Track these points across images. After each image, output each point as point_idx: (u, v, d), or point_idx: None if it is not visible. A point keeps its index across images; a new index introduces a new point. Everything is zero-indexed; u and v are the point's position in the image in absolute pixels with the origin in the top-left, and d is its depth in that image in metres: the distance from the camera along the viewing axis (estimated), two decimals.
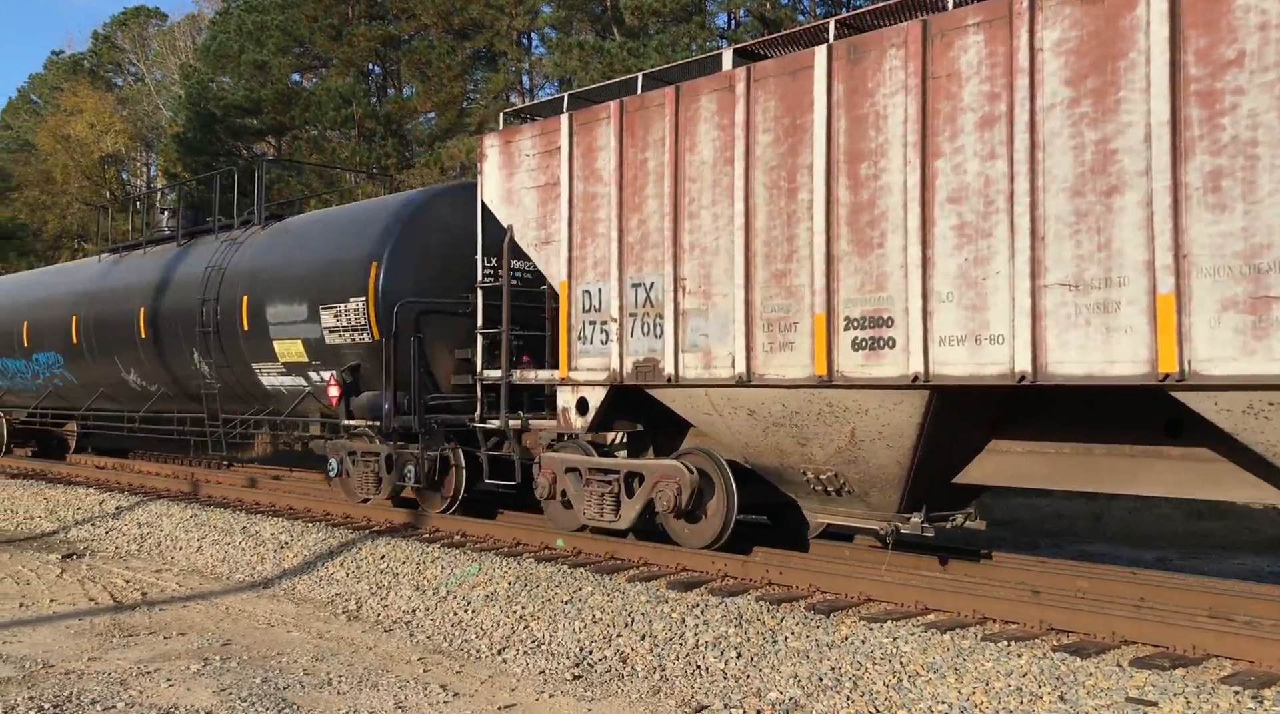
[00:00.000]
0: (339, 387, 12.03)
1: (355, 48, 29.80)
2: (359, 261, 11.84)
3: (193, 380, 14.68)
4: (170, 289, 15.05)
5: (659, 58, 20.49)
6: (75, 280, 18.08)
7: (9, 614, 8.46)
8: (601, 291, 9.48)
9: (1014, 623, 7.11)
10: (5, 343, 19.49)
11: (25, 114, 48.28)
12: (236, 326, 13.43)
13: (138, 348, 15.62)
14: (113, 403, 17.43)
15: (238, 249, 14.13)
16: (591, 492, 9.74)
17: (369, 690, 6.37)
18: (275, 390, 13.47)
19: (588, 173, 9.62)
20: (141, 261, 16.58)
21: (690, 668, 6.66)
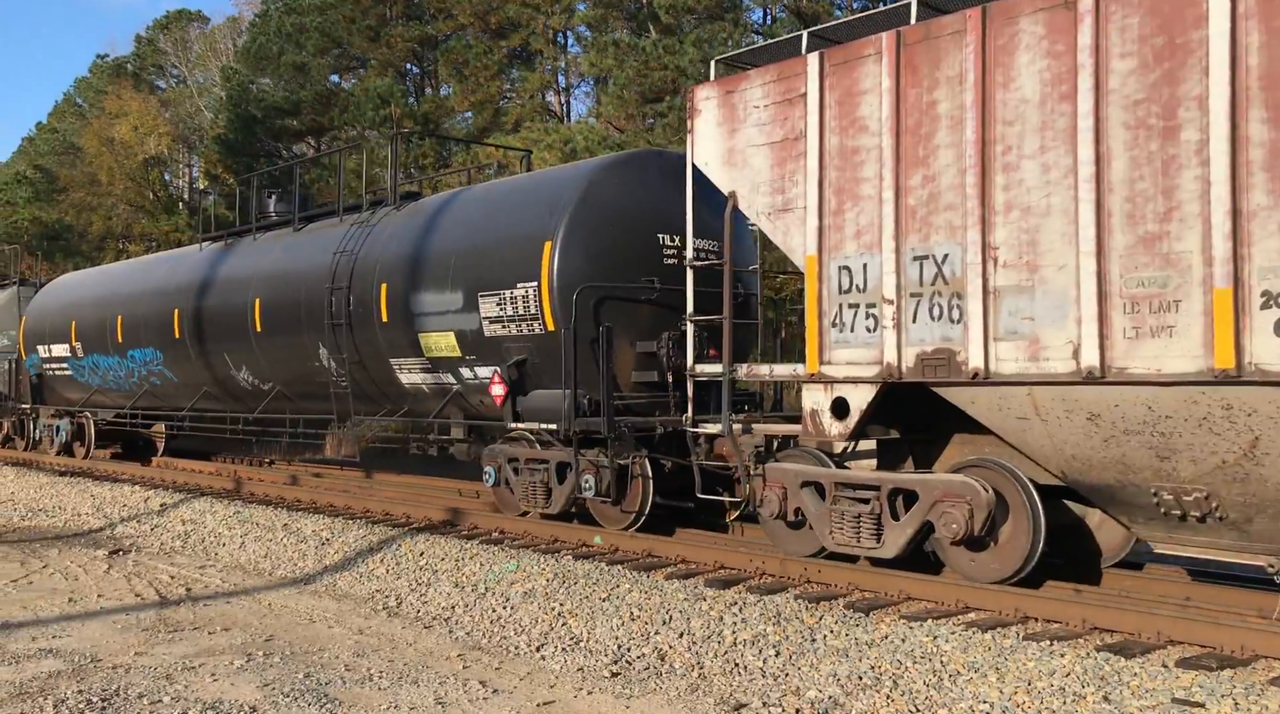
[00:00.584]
0: (504, 384, 10.80)
1: (393, 48, 30.04)
2: (528, 242, 10.50)
3: (316, 378, 13.48)
4: (289, 278, 13.69)
5: (695, 53, 20.45)
6: (176, 270, 16.74)
7: (58, 609, 8.62)
8: (867, 267, 7.79)
9: (1056, 622, 7.03)
10: (97, 338, 18.22)
11: (71, 117, 49.13)
12: (373, 318, 12.22)
13: (251, 343, 14.35)
14: (217, 403, 16.31)
15: (370, 233, 12.77)
16: (841, 512, 8.15)
17: (409, 686, 6.42)
18: (414, 389, 12.28)
19: (846, 122, 7.93)
20: (252, 249, 15.24)
21: (728, 666, 6.65)
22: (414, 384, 12.18)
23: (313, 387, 13.66)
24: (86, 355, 18.52)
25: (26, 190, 43.47)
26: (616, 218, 10.46)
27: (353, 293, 12.41)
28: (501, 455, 11.15)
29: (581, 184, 10.56)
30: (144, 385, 17.48)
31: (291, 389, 14.20)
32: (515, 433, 11.04)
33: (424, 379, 12.04)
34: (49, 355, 19.93)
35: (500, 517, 11.48)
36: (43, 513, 14.69)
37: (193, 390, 16.31)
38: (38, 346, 20.32)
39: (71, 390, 19.83)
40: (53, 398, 20.79)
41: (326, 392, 13.28)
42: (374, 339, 12.31)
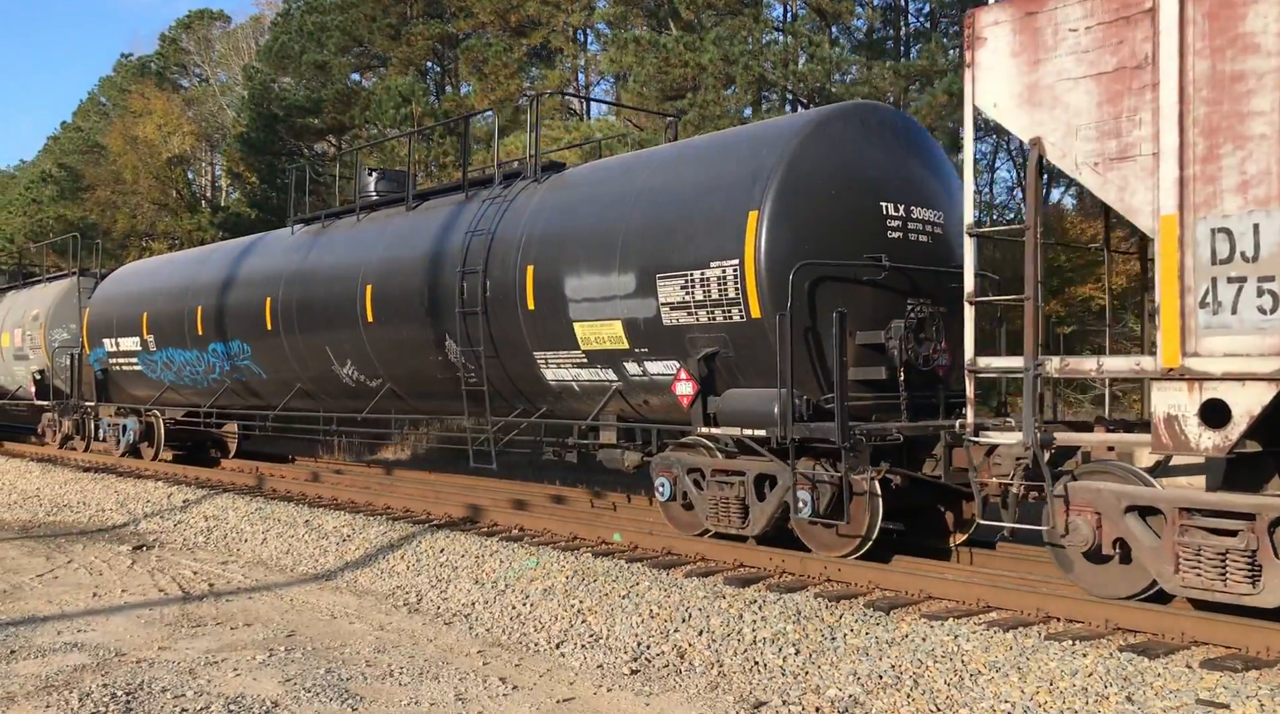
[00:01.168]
0: (693, 382, 9.13)
1: (413, 47, 30.11)
2: (726, 213, 8.85)
3: (438, 373, 11.89)
4: (408, 262, 12.10)
5: (715, 51, 20.40)
6: (268, 256, 15.10)
7: (83, 604, 8.70)
8: (1259, 229, 6.12)
9: (1079, 622, 6.98)
10: (173, 330, 16.65)
11: (95, 116, 49.53)
12: (516, 305, 10.61)
13: (360, 335, 12.72)
14: (310, 402, 14.73)
15: (508, 209, 11.17)
16: (1195, 546, 6.52)
17: (430, 682, 6.45)
18: (560, 386, 10.68)
19: (1221, 41, 6.29)
20: (357, 232, 13.57)
21: (748, 664, 6.64)
22: (561, 381, 10.63)
23: (433, 384, 12.15)
24: (160, 349, 17.08)
25: (52, 189, 43.85)
26: (832, 183, 8.81)
27: (489, 277, 10.84)
28: (678, 465, 9.59)
29: (790, 143, 8.84)
30: (225, 382, 15.94)
31: (406, 386, 12.67)
32: (690, 439, 9.59)
33: (575, 375, 10.43)
34: (116, 349, 18.39)
35: (520, 513, 11.50)
36: (67, 508, 14.83)
37: (283, 387, 14.76)
38: (104, 340, 18.71)
39: (140, 387, 18.39)
40: (118, 395, 19.37)
41: (450, 389, 11.80)
42: (515, 329, 10.73)
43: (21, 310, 22.45)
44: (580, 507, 12.41)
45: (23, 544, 11.85)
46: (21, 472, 18.49)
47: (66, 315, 20.94)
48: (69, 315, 20.86)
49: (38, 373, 21.12)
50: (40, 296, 22.06)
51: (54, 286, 21.99)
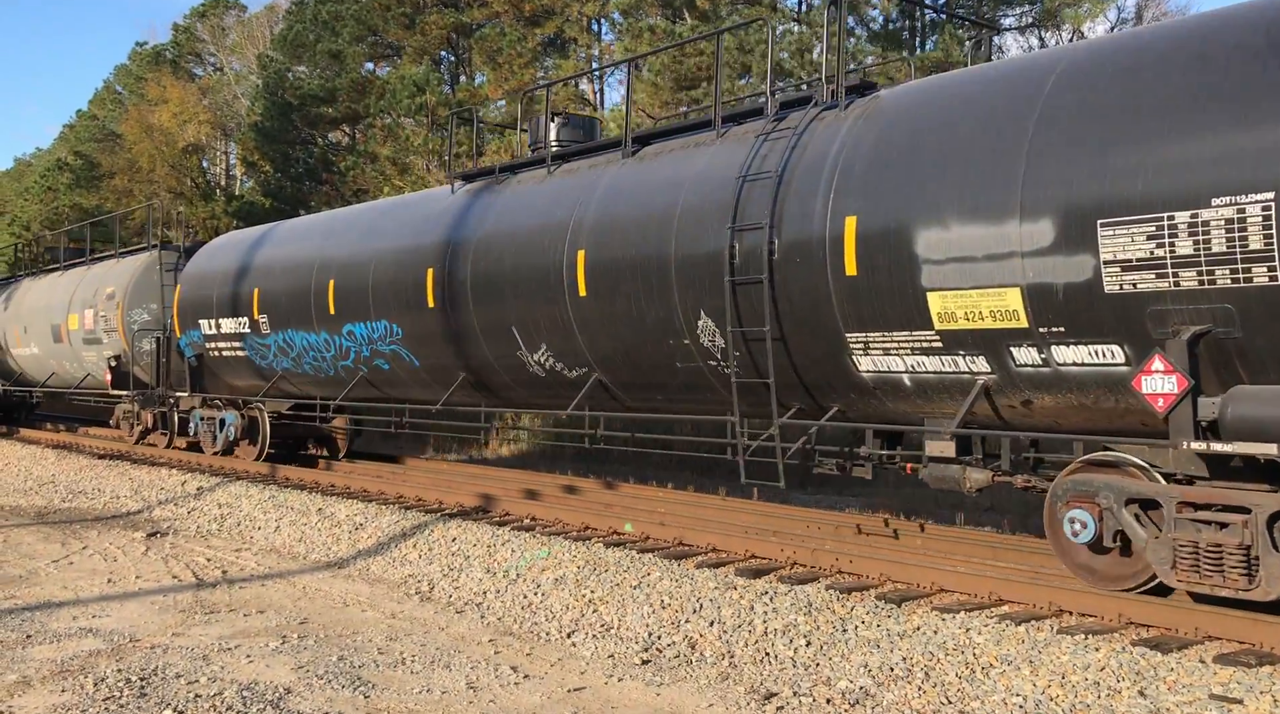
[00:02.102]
0: (1179, 376, 6.32)
1: (427, 36, 30.11)
2: (1238, 121, 6.14)
3: (680, 361, 9.36)
4: (636, 221, 9.59)
5: (732, 39, 20.34)
6: (425, 220, 12.45)
7: (98, 590, 8.76)
8: None
9: (1091, 616, 6.95)
10: (295, 310, 14.12)
11: (111, 104, 49.73)
12: (824, 270, 7.95)
13: (565, 312, 10.17)
14: (478, 395, 12.15)
15: (801, 145, 8.54)
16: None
17: (441, 670, 6.47)
18: (879, 380, 7.99)
19: None
20: (553, 187, 10.95)
21: (759, 655, 6.65)
22: (882, 372, 7.94)
23: (667, 374, 9.61)
24: (274, 332, 14.53)
25: (67, 177, 44.08)
26: None
27: (779, 234, 8.25)
28: (1110, 493, 6.92)
29: None
30: (359, 370, 13.36)
31: (625, 377, 10.11)
32: (1113, 456, 7.10)
33: (913, 365, 7.78)
34: (215, 332, 15.89)
35: (532, 503, 11.51)
36: (83, 495, 14.93)
37: (444, 376, 12.10)
38: (200, 321, 16.21)
39: (243, 376, 15.92)
40: (214, 385, 16.78)
41: (692, 381, 9.43)
42: (818, 303, 8.09)
43: (92, 289, 19.64)
44: (592, 496, 12.42)
45: (38, 530, 11.94)
46: (37, 458, 18.62)
47: (147, 294, 18.46)
48: (149, 294, 18.42)
49: (113, 359, 18.54)
50: (115, 273, 19.31)
51: (130, 262, 19.39)
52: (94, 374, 19.59)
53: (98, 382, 19.62)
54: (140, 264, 18.89)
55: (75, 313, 19.97)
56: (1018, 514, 11.60)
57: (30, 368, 22.98)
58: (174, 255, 18.72)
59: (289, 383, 15.16)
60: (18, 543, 11.04)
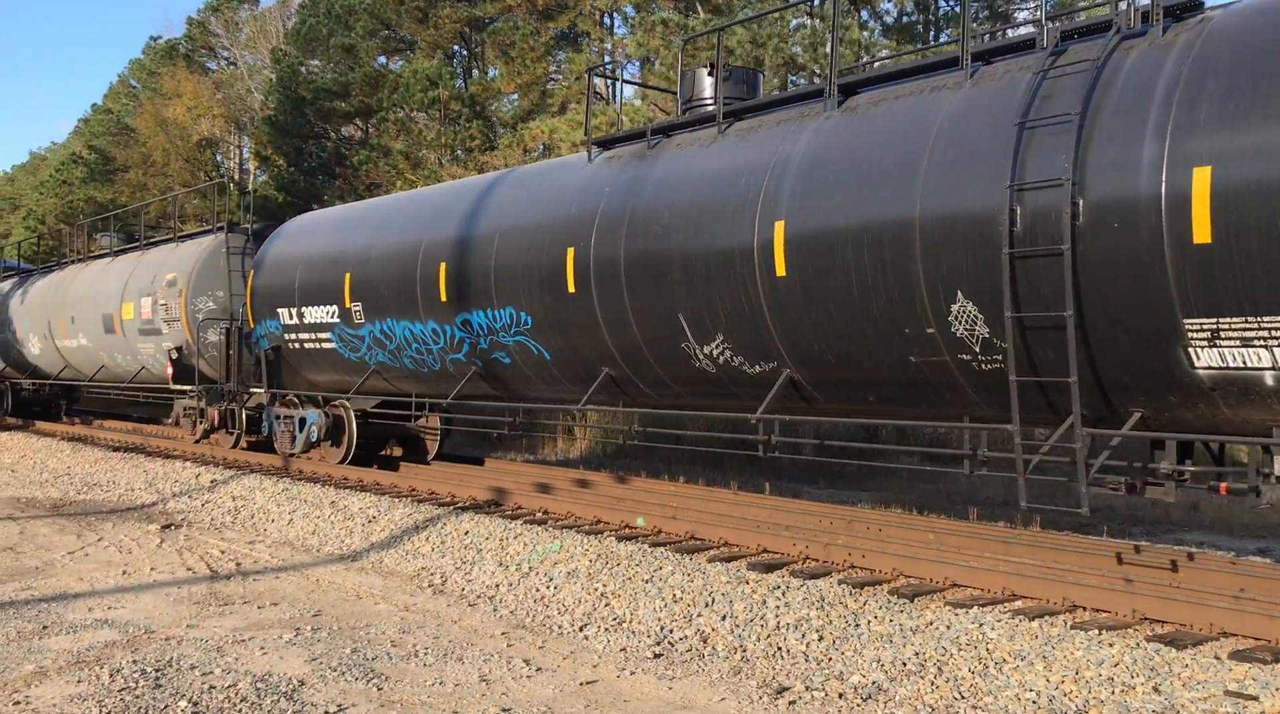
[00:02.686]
0: None
1: (441, 30, 30.13)
2: None
3: (916, 355, 7.64)
4: (855, 183, 7.88)
5: (744, 33, 20.28)
6: (560, 194, 10.83)
7: (113, 581, 8.81)
8: None
9: (1105, 612, 6.94)
10: (397, 297, 12.56)
11: (126, 99, 49.93)
12: (1150, 238, 6.33)
13: (754, 295, 8.53)
14: (615, 395, 10.57)
15: (1104, 80, 6.84)
16: None
17: (454, 663, 6.49)
18: (1219, 379, 6.33)
19: None
20: (728, 149, 9.24)
21: (771, 649, 6.64)
22: (1233, 369, 6.26)
23: (894, 371, 7.87)
24: (370, 321, 13.03)
25: (82, 171, 44.29)
26: None
27: (1085, 190, 6.60)
28: None
29: None
30: (472, 365, 11.80)
31: (831, 374, 8.40)
32: None
33: None
34: (297, 322, 14.42)
35: (544, 497, 11.53)
36: (98, 487, 15.01)
37: (580, 371, 10.57)
38: (278, 310, 14.74)
39: (329, 370, 14.36)
40: (293, 380, 15.24)
41: (933, 381, 7.70)
42: (1143, 278, 6.42)
43: (150, 275, 18.06)
44: (604, 490, 12.44)
45: (54, 522, 12.01)
46: (52, 450, 18.73)
47: (213, 280, 16.86)
48: (215, 280, 16.85)
49: (174, 351, 17.01)
50: (176, 258, 17.76)
51: (192, 246, 17.79)
52: (150, 367, 18.27)
53: (155, 375, 18.24)
54: (205, 248, 17.19)
55: (130, 301, 18.37)
56: (1031, 509, 11.55)
57: (78, 360, 21.42)
58: (241, 238, 17.13)
59: (382, 378, 13.54)
60: (34, 535, 11.11)
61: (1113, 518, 11.75)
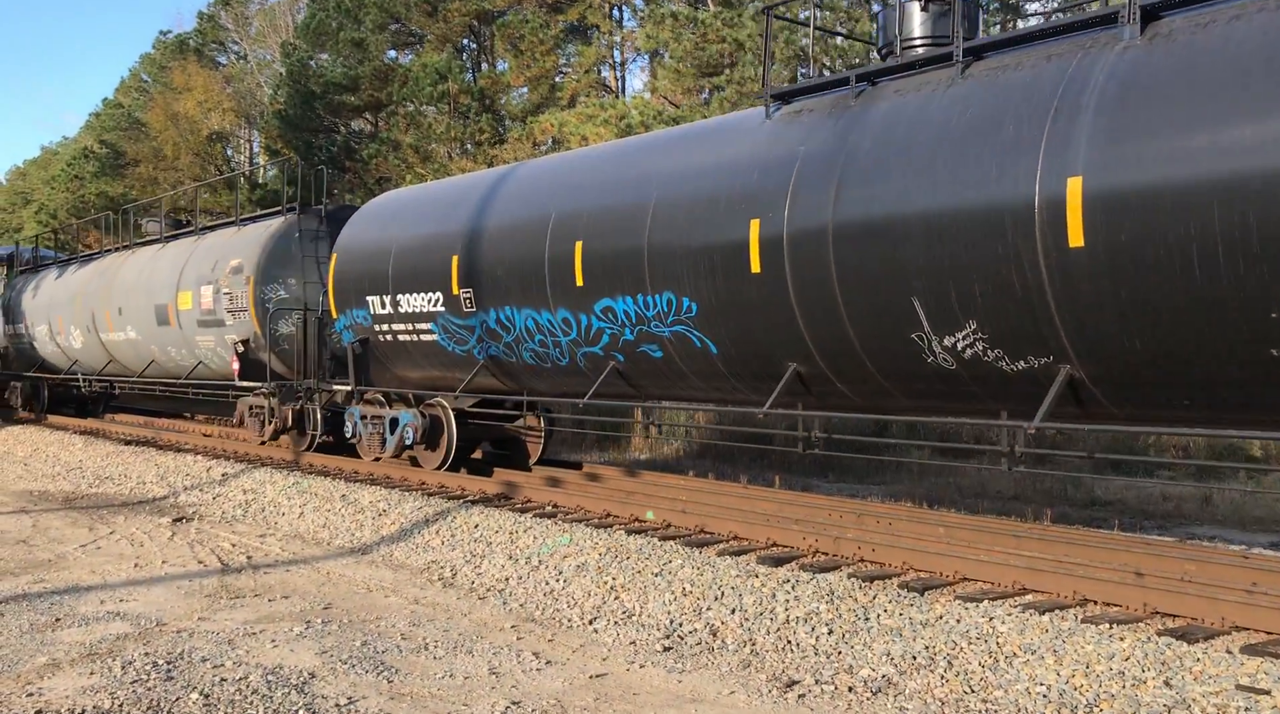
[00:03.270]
0: None
1: (450, 23, 30.14)
2: None
3: None
4: (1201, 126, 6.14)
5: (754, 27, 20.22)
6: (734, 157, 9.15)
7: (125, 574, 8.85)
8: None
9: (1116, 605, 6.92)
10: (519, 282, 10.95)
11: (136, 93, 50.07)
12: None
13: (1037, 271, 6.85)
14: (795, 396, 8.95)
15: None
16: None
17: (464, 656, 6.50)
18: None
19: None
20: (967, 95, 7.54)
21: (781, 643, 6.64)
22: None
23: (1253, 369, 6.21)
24: (483, 310, 11.42)
25: (94, 165, 44.43)
26: None
27: None
28: None
29: None
30: (614, 358, 10.24)
31: (1147, 374, 6.70)
32: None
33: None
34: (390, 311, 12.78)
35: (554, 490, 11.55)
36: (109, 480, 15.08)
37: (756, 368, 9.02)
38: (367, 299, 13.07)
39: (426, 365, 12.73)
40: (381, 376, 13.71)
41: None
42: None
43: (210, 262, 16.50)
44: (613, 484, 12.44)
45: (66, 515, 12.07)
46: (65, 444, 18.82)
47: (284, 265, 15.37)
48: (287, 265, 15.39)
49: (240, 344, 15.51)
50: (241, 243, 16.18)
51: (259, 230, 16.19)
52: (209, 362, 16.84)
53: (214, 371, 16.79)
54: (274, 231, 15.67)
55: (188, 291, 16.77)
56: (1041, 503, 11.54)
57: (125, 355, 19.67)
58: (314, 220, 15.75)
59: (492, 375, 11.90)
60: (46, 527, 11.17)
61: (1125, 511, 11.72)
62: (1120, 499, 12.57)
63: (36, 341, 23.81)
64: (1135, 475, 13.25)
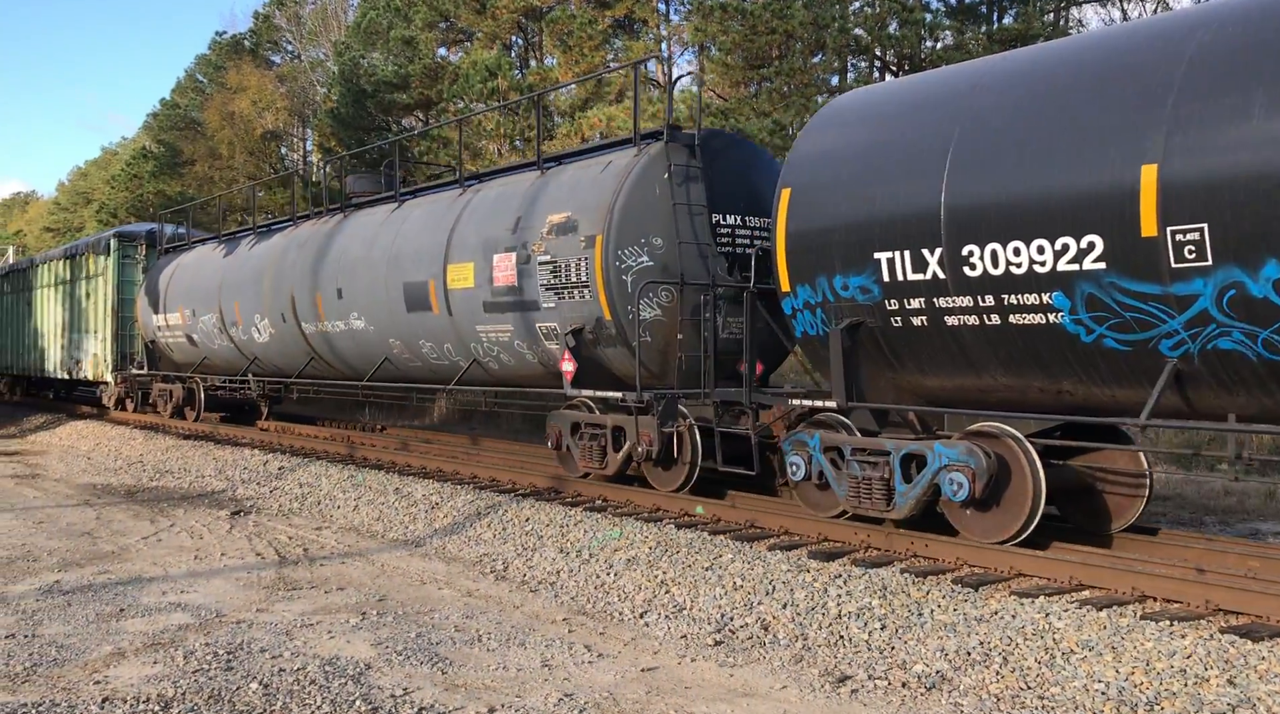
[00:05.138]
0: None
1: (499, 20, 30.28)
2: None
3: None
4: None
5: (805, 14, 20.09)
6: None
7: (185, 566, 9.03)
8: None
9: (1177, 602, 6.78)
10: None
11: (192, 93, 50.94)
12: None
13: None
14: None
15: None
16: None
17: (516, 648, 6.55)
18: None
19: None
20: None
21: (833, 638, 6.61)
22: None
23: None
24: None
25: (151, 164, 45.30)
26: None
27: None
28: None
29: None
30: None
31: None
32: None
33: None
34: (934, 275, 7.85)
35: (603, 485, 11.58)
36: (169, 474, 15.39)
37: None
38: (872, 257, 8.23)
39: (998, 365, 7.81)
40: (877, 386, 8.73)
41: None
42: None
43: (504, 219, 11.75)
44: None
45: (129, 508, 12.34)
46: (126, 438, 19.23)
47: (646, 219, 10.41)
48: (650, 219, 10.42)
49: (572, 336, 10.80)
50: (568, 189, 11.19)
51: (593, 169, 11.11)
52: (490, 360, 12.27)
53: (498, 372, 12.34)
54: (627, 171, 10.53)
55: (465, 262, 12.07)
56: None
57: (343, 350, 15.15)
58: (684, 153, 10.65)
59: (1193, 389, 6.87)
60: (109, 520, 11.43)
61: (1184, 506, 11.48)
62: (1180, 494, 12.32)
63: (197, 335, 19.24)
64: (1193, 470, 12.97)
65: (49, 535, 10.43)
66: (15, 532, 10.62)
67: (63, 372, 25.10)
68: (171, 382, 21.15)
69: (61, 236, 64.05)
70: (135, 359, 22.46)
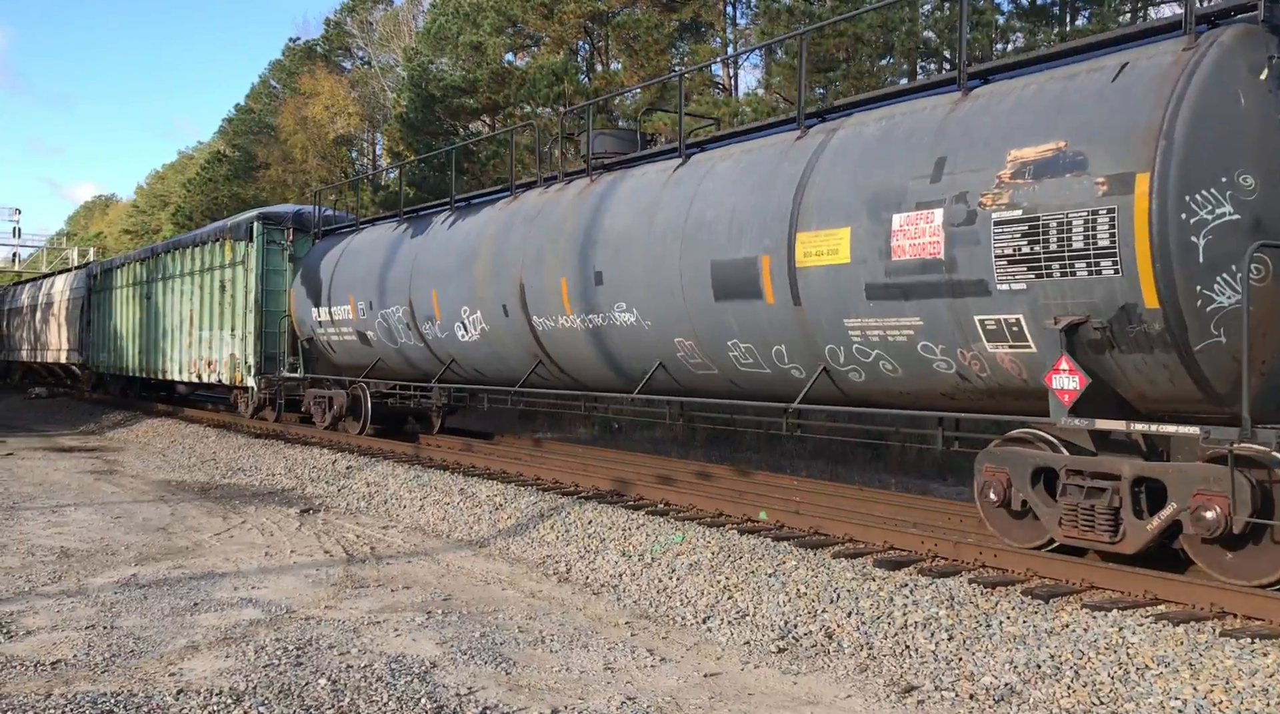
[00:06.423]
0: None
1: (565, 25, 30.50)
2: None
3: None
4: None
5: (876, 17, 19.91)
6: None
7: (257, 562, 9.21)
8: None
9: (1258, 619, 6.57)
10: None
11: (266, 98, 52.09)
12: None
13: None
14: None
15: None
16: None
17: (579, 650, 6.57)
18: None
19: None
20: None
21: (899, 648, 6.52)
22: None
23: None
24: None
25: (226, 168, 46.39)
26: None
27: None
28: None
29: None
30: None
31: None
32: None
33: None
34: None
35: (666, 488, 11.57)
36: (241, 472, 15.72)
37: None
38: None
39: None
40: None
41: None
42: None
43: (900, 159, 8.13)
44: (725, 483, 12.40)
45: (202, 504, 12.63)
46: (199, 436, 19.69)
47: (1227, 149, 6.51)
48: (1238, 149, 6.53)
49: (1065, 333, 7.07)
50: (1042, 107, 7.30)
51: (1102, 75, 7.09)
52: (853, 371, 8.77)
53: (879, 384, 8.69)
54: (1187, 70, 6.62)
55: (839, 226, 8.45)
56: None
57: (599, 350, 11.61)
58: None
59: None
60: (184, 516, 11.70)
61: None
62: None
63: (373, 332, 15.90)
64: None
65: (126, 530, 10.72)
66: (95, 526, 10.93)
67: (190, 375, 21.73)
68: (329, 387, 18.00)
69: (139, 238, 65.84)
70: (285, 360, 18.96)
